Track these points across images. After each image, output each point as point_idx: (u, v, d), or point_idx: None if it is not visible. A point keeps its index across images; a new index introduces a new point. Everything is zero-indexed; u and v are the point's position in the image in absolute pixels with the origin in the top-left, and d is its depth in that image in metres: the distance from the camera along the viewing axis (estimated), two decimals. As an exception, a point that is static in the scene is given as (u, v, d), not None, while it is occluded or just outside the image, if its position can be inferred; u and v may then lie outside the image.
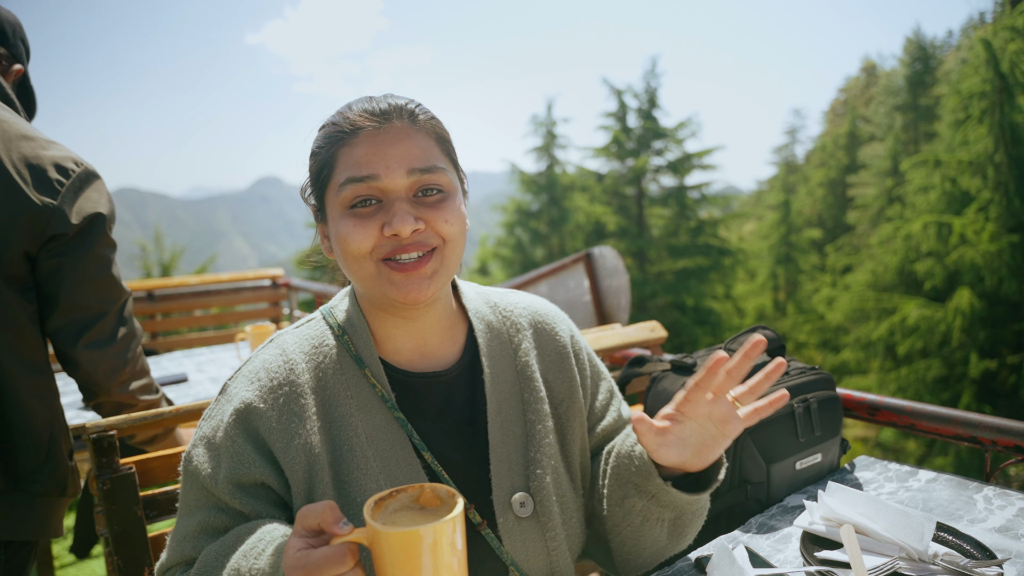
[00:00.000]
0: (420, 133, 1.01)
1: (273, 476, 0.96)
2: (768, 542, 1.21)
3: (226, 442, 0.97)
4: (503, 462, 1.07)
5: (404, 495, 0.78)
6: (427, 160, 0.99)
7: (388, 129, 0.98)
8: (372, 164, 0.96)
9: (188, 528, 0.97)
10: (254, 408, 0.97)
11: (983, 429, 1.42)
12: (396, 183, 0.97)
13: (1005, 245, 10.76)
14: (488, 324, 1.15)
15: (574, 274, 3.94)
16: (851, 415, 1.64)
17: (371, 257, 0.97)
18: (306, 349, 1.04)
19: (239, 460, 0.95)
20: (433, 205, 0.98)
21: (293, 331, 1.09)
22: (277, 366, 1.01)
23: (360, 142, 0.98)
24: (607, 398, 1.25)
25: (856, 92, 33.81)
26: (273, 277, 4.48)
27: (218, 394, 1.05)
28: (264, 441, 0.97)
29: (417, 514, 0.77)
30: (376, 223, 0.96)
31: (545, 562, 1.08)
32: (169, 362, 3.04)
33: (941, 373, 11.10)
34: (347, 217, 0.98)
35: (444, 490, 0.78)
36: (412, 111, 1.02)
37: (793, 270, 21.56)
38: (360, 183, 0.96)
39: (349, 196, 0.97)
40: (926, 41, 24.69)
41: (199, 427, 1.03)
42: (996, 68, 11.19)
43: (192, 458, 1.00)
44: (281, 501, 0.98)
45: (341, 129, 1.00)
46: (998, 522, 1.22)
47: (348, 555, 0.71)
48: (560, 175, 18.64)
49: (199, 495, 0.98)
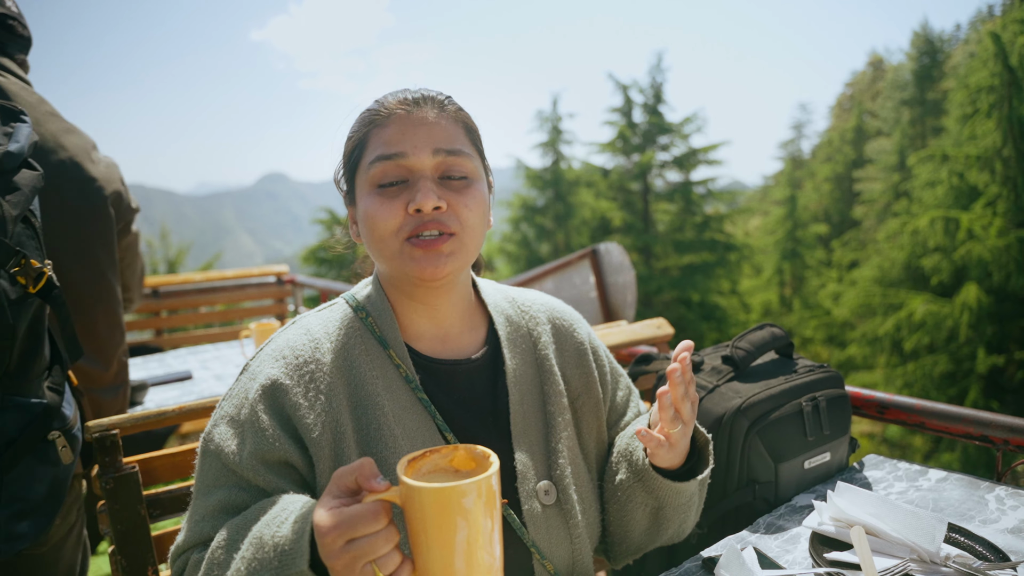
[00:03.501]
0: (448, 119, 1.05)
1: (297, 454, 0.95)
2: (776, 542, 1.20)
3: (251, 418, 0.96)
4: (526, 451, 1.09)
5: (438, 455, 0.76)
6: (452, 143, 1.03)
7: (418, 113, 1.03)
8: (400, 143, 1.01)
9: (207, 507, 0.96)
10: (280, 384, 0.97)
11: (995, 428, 1.40)
12: (422, 162, 1.00)
13: (1013, 240, 10.70)
14: (508, 318, 1.17)
15: (580, 270, 3.92)
16: (860, 413, 1.63)
17: (397, 236, 1.00)
18: (330, 330, 1.05)
19: (264, 437, 0.95)
20: (457, 189, 1.02)
21: (316, 313, 1.10)
22: (302, 344, 1.02)
23: (391, 124, 1.03)
24: (626, 395, 1.29)
25: (863, 87, 33.64)
26: (278, 274, 4.48)
27: (240, 373, 1.05)
28: (289, 418, 0.96)
29: (451, 476, 0.75)
30: (401, 202, 0.99)
31: (567, 550, 1.09)
32: (174, 359, 3.04)
33: (948, 369, 11.05)
34: (374, 195, 1.01)
35: (479, 451, 0.76)
36: (442, 101, 1.07)
37: (799, 265, 21.48)
38: (388, 161, 1.00)
39: (377, 174, 1.01)
40: (934, 35, 24.53)
41: (219, 407, 1.03)
42: (1005, 62, 11.12)
43: (214, 437, 0.99)
44: (303, 481, 0.98)
45: (375, 113, 1.05)
46: (1011, 523, 1.20)
47: (382, 513, 0.71)
48: (565, 171, 18.58)
49: (219, 474, 0.97)
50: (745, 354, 1.50)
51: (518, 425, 1.10)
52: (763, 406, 1.39)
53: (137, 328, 4.16)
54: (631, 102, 18.42)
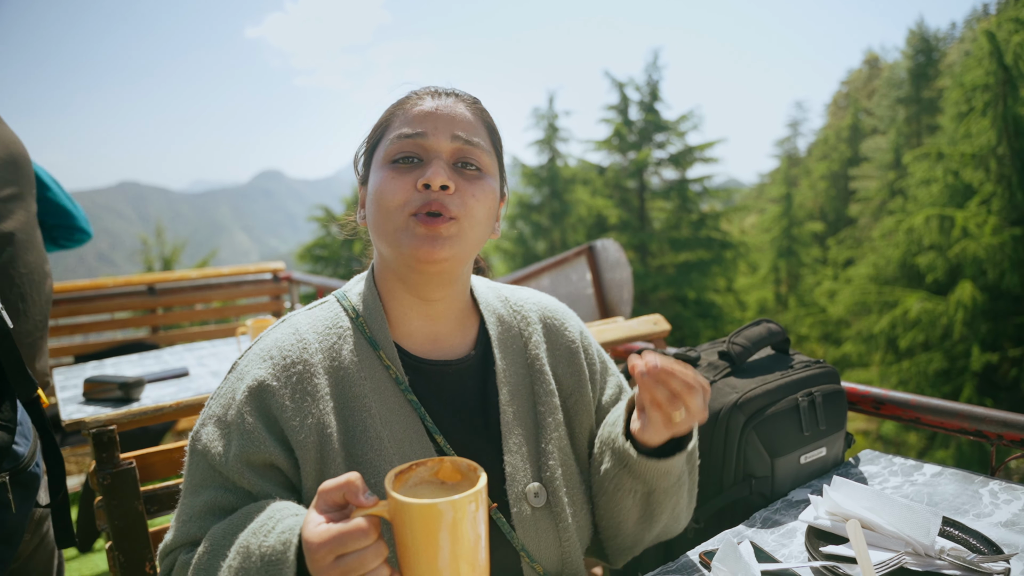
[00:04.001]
0: (471, 113, 1.08)
1: (283, 456, 0.95)
2: (773, 537, 1.20)
3: (237, 420, 0.96)
4: (516, 453, 1.08)
5: (423, 468, 0.77)
6: (472, 133, 1.05)
7: (445, 101, 1.06)
8: (423, 123, 1.03)
9: (194, 508, 0.96)
10: (267, 386, 0.97)
11: (989, 423, 1.41)
12: (440, 144, 1.02)
13: (1007, 238, 10.74)
14: (499, 317, 1.17)
15: (576, 267, 3.92)
16: (856, 409, 1.63)
17: (402, 210, 1.00)
18: (319, 329, 1.04)
19: (250, 439, 0.94)
20: (469, 178, 1.03)
21: (306, 312, 1.09)
22: (290, 344, 1.01)
23: (417, 106, 1.06)
24: (616, 392, 1.26)
25: (858, 85, 33.71)
26: (274, 271, 4.47)
27: (228, 372, 1.04)
28: (276, 420, 0.96)
29: (437, 488, 0.76)
30: (413, 178, 1.01)
31: (557, 552, 1.08)
32: (170, 356, 3.04)
33: (943, 366, 11.09)
34: (388, 170, 1.02)
35: (464, 463, 0.76)
36: (471, 99, 1.10)
37: (795, 263, 21.53)
38: (408, 139, 1.02)
39: (395, 149, 1.03)
40: (929, 33, 24.59)
41: (208, 406, 1.03)
42: (1000, 60, 11.15)
43: (201, 436, 0.99)
44: (289, 483, 0.97)
45: (405, 99, 1.09)
46: (1004, 516, 1.21)
47: (372, 528, 0.71)
48: (562, 168, 18.59)
49: (206, 474, 0.97)
50: (742, 349, 1.51)
51: (508, 427, 1.09)
52: (759, 401, 1.39)
53: (133, 325, 4.15)
54: (627, 100, 18.43)
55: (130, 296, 3.93)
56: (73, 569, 3.16)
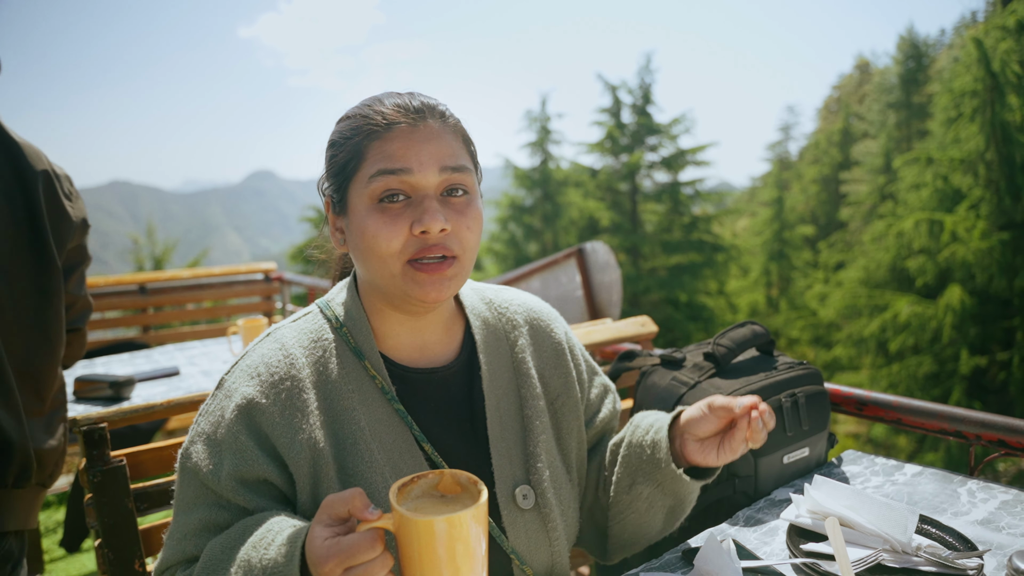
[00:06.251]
0: (450, 133, 1.02)
1: (276, 472, 0.96)
2: (755, 535, 1.22)
3: (228, 438, 0.96)
4: (503, 456, 1.09)
5: (424, 481, 0.79)
6: (457, 159, 1.01)
7: (423, 127, 1.00)
8: (406, 158, 0.97)
9: (188, 526, 0.96)
10: (256, 404, 0.97)
11: (967, 424, 1.44)
12: (428, 179, 0.98)
13: (996, 242, 10.82)
14: (484, 321, 1.17)
15: (566, 269, 3.94)
16: (839, 410, 1.66)
17: (399, 258, 0.98)
18: (305, 343, 1.04)
19: (242, 457, 0.95)
20: (459, 209, 1.00)
21: (290, 324, 1.08)
22: (277, 361, 1.01)
23: (395, 137, 0.98)
24: (601, 392, 1.28)
25: (850, 89, 33.87)
26: (266, 271, 4.47)
27: (215, 389, 1.04)
28: (267, 437, 0.96)
29: (438, 501, 0.78)
30: (405, 221, 0.97)
31: (547, 553, 1.10)
32: (161, 355, 3.04)
33: (932, 369, 11.16)
34: (375, 212, 0.98)
35: (464, 477, 0.79)
36: (443, 112, 1.04)
37: (786, 266, 21.61)
38: (392, 176, 0.97)
39: (379, 188, 0.97)
40: (919, 39, 24.73)
41: (196, 423, 1.02)
42: (987, 67, 11.24)
43: (191, 455, 0.99)
44: (284, 497, 0.98)
45: (372, 122, 1.00)
46: (980, 515, 1.23)
47: (378, 541, 0.73)
48: (554, 170, 18.60)
49: (198, 492, 0.97)
50: (726, 351, 1.53)
51: (495, 431, 1.09)
52: (743, 402, 1.41)
53: (124, 325, 4.14)
54: (620, 103, 18.46)
55: (121, 295, 3.92)
56: (60, 569, 3.16)
